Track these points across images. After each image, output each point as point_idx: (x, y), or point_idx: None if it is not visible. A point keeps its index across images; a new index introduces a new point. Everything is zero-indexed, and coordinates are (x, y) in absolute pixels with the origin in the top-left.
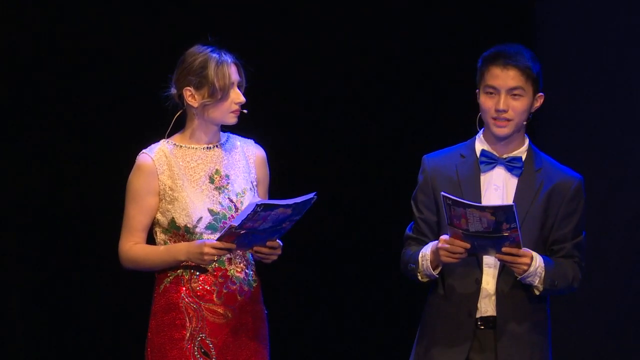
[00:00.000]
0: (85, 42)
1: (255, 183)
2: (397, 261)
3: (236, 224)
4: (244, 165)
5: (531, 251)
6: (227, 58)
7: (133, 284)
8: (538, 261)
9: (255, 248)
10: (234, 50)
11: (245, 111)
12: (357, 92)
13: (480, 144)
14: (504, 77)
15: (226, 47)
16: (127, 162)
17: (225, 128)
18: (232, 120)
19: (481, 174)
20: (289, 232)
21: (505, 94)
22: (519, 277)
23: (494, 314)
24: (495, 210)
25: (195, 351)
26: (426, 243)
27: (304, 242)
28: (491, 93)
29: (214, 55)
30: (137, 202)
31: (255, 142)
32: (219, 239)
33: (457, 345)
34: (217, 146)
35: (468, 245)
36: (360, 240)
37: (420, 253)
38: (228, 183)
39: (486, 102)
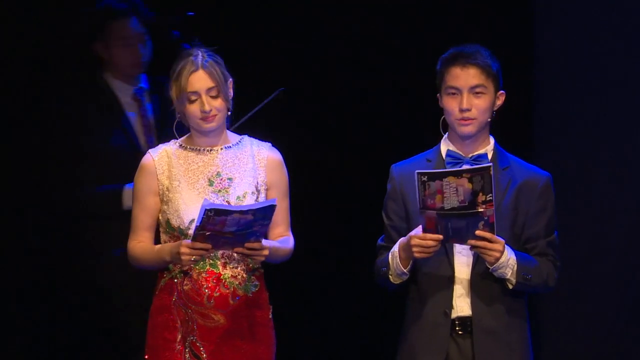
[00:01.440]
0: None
1: (264, 187)
2: None
3: (198, 224)
4: (251, 168)
5: (503, 240)
6: (197, 64)
7: (140, 284)
8: (509, 253)
9: (235, 250)
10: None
11: (229, 112)
12: (346, 94)
13: (445, 146)
14: (465, 77)
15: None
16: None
17: (241, 130)
18: (203, 126)
19: None
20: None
21: (468, 93)
22: (491, 267)
23: (470, 312)
24: (473, 174)
25: (186, 353)
26: None
27: (307, 245)
28: (453, 93)
29: (183, 62)
30: (140, 201)
31: (272, 146)
32: (192, 240)
33: (435, 347)
34: (223, 148)
35: (441, 237)
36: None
37: (390, 253)
38: (230, 186)
39: (449, 103)
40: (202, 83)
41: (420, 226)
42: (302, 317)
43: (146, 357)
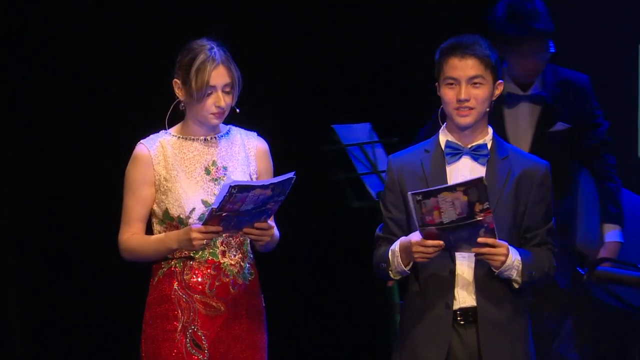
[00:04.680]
0: (84, 34)
1: (255, 176)
2: None
3: (216, 206)
4: (243, 157)
5: (506, 243)
6: (218, 59)
7: (132, 276)
8: (514, 254)
9: (244, 230)
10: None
11: (237, 110)
12: (349, 89)
13: (444, 136)
14: (463, 67)
15: (228, 41)
16: (127, 153)
17: (227, 120)
18: (212, 121)
19: (447, 165)
20: (290, 232)
21: (466, 84)
22: (497, 271)
23: (473, 303)
24: (467, 187)
25: (187, 343)
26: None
27: (301, 237)
28: (451, 84)
29: (203, 55)
30: (134, 192)
31: (258, 135)
32: (204, 223)
33: (437, 339)
34: (215, 138)
35: (442, 243)
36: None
37: (390, 250)
38: (225, 175)
39: (447, 93)
40: (221, 79)
41: (418, 232)
42: (297, 309)
43: (143, 348)
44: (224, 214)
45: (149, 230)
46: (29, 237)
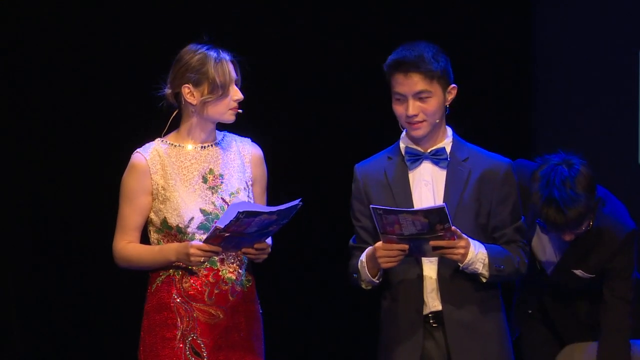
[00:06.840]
0: (79, 42)
1: (250, 182)
2: None
3: (221, 226)
4: (239, 164)
5: (466, 236)
6: (225, 55)
7: (127, 283)
8: (477, 247)
9: (243, 250)
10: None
11: (240, 111)
12: (345, 91)
13: (404, 143)
14: (408, 84)
15: (221, 45)
16: (122, 162)
17: (221, 127)
18: (230, 117)
19: (409, 171)
20: (283, 231)
21: (413, 99)
22: (462, 266)
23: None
24: (427, 213)
25: (187, 351)
26: None
27: (297, 241)
28: (399, 99)
29: (212, 52)
30: (131, 201)
31: (252, 141)
32: (205, 241)
33: (411, 343)
34: (212, 145)
35: (406, 247)
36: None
37: (359, 262)
38: (222, 183)
39: (397, 108)
40: (233, 73)
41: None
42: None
43: (141, 356)
44: (227, 235)
45: (145, 238)
46: (29, 238)
